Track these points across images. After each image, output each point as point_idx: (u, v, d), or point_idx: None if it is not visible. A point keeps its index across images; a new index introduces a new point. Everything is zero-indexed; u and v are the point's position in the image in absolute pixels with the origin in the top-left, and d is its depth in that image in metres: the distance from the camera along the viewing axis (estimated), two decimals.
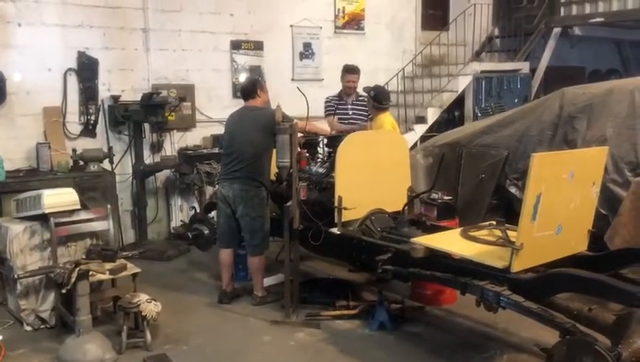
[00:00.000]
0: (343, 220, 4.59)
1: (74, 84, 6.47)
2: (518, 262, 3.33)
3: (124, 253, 4.86)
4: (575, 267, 3.75)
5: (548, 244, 3.48)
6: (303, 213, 4.59)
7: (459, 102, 9.00)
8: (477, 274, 3.50)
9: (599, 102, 5.54)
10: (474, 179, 6.19)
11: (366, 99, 5.95)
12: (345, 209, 4.47)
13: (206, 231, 5.53)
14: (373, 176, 4.69)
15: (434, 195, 5.08)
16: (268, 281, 5.31)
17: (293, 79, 8.08)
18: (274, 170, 4.85)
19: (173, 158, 6.89)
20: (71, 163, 6.19)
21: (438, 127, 8.76)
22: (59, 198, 4.59)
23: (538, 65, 9.57)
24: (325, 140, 5.40)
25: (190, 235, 5.52)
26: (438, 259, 3.73)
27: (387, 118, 5.74)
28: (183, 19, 7.09)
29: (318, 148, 5.28)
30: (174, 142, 7.16)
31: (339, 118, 6.26)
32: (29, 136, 6.21)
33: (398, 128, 5.85)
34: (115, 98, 6.59)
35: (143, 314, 4.16)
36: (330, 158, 4.99)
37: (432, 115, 8.39)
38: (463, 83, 8.63)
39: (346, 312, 4.70)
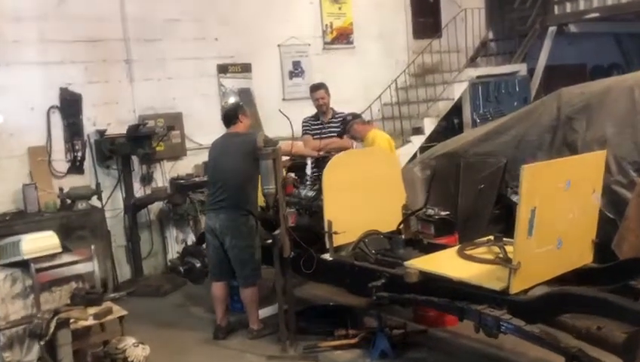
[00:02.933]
0: (335, 245, 4.38)
1: (58, 121, 6.34)
2: (517, 282, 3.09)
3: (111, 295, 4.66)
4: (581, 281, 3.53)
5: (549, 260, 3.25)
6: (293, 239, 4.39)
7: (458, 109, 8.80)
8: (475, 298, 3.27)
9: (597, 101, 5.31)
10: (474, 189, 5.96)
11: (343, 119, 5.75)
12: (335, 233, 4.25)
13: (198, 264, 5.31)
14: (364, 196, 4.48)
15: (430, 211, 4.86)
16: (264, 313, 5.09)
17: (284, 99, 7.92)
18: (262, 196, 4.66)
19: (164, 189, 6.72)
20: (58, 203, 6.03)
21: (438, 136, 8.54)
22: (38, 243, 4.40)
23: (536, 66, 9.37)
24: (313, 162, 5.19)
25: (182, 270, 5.32)
26: (433, 283, 3.50)
27: (378, 134, 5.54)
28: (167, 47, 6.96)
29: (307, 171, 5.08)
30: (165, 173, 7.00)
31: (316, 137, 6.05)
32: (14, 178, 6.05)
33: (391, 142, 5.63)
34: (101, 132, 6.45)
35: (129, 359, 3.95)
36: (320, 181, 4.79)
37: (429, 125, 8.18)
38: (458, 90, 8.43)
39: (345, 342, 4.46)
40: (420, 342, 4.46)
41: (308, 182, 4.90)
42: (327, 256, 4.33)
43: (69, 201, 6.01)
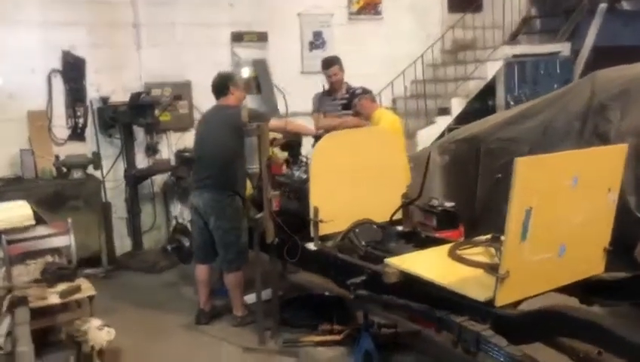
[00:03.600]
0: (323, 233, 3.97)
1: (59, 86, 6.11)
2: (504, 294, 2.64)
3: (89, 271, 4.42)
4: (590, 295, 3.05)
5: (547, 269, 2.77)
6: (277, 224, 4.03)
7: (492, 90, 8.18)
8: (458, 307, 2.83)
9: (637, 86, 4.69)
10: (492, 179, 5.43)
11: (353, 92, 5.30)
12: (320, 221, 3.85)
13: (187, 243, 5.04)
14: (359, 181, 4.05)
15: (434, 201, 4.40)
16: (252, 298, 4.76)
17: (302, 72, 7.51)
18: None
19: (167, 161, 6.43)
20: (54, 170, 5.82)
21: (469, 118, 7.96)
22: (9, 213, 4.19)
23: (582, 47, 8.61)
24: (313, 142, 4.77)
25: (169, 248, 5.04)
26: (414, 286, 3.07)
27: (384, 114, 5.07)
28: (177, 12, 6.62)
29: (301, 150, 4.66)
30: (171, 144, 6.71)
31: (328, 115, 5.63)
32: (13, 143, 5.88)
33: (397, 123, 5.15)
34: (104, 99, 6.20)
35: (89, 344, 3.69)
36: None
37: (457, 105, 7.61)
38: (492, 69, 7.82)
39: (329, 338, 4.10)
40: (411, 344, 4.06)
41: (303, 164, 4.49)
42: (311, 246, 3.94)
43: (64, 169, 5.80)
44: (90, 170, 5.98)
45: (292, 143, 4.53)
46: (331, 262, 3.83)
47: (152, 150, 6.45)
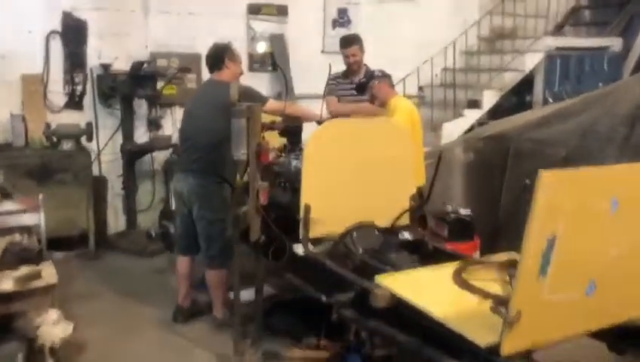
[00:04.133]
0: (318, 235, 3.45)
1: (58, 49, 5.70)
2: (512, 341, 2.09)
3: (57, 254, 4.01)
4: (621, 341, 2.48)
5: (570, 312, 2.21)
6: (264, 221, 3.53)
7: (529, 84, 7.50)
8: (454, 348, 2.30)
9: None
10: (520, 184, 4.83)
11: (371, 75, 4.74)
12: (311, 221, 3.33)
13: (173, 230, 4.58)
14: (362, 177, 3.51)
15: (448, 207, 3.84)
16: (245, 296, 4.28)
17: (323, 51, 6.95)
18: None
19: (168, 138, 5.98)
20: (45, 139, 5.43)
21: (504, 114, 7.31)
22: None
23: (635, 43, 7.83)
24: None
25: (153, 234, 4.59)
26: (406, 313, 2.54)
27: (400, 102, 4.51)
28: None
29: (302, 137, 4.12)
30: (176, 120, 6.25)
31: (344, 100, 5.09)
32: (4, 107, 5.50)
33: (415, 114, 4.58)
34: (106, 67, 5.76)
35: (39, 341, 3.27)
36: None
37: (490, 98, 6.97)
38: (531, 61, 7.13)
39: (313, 356, 3.61)
40: None
41: (300, 152, 3.96)
42: (298, 249, 3.43)
43: (55, 139, 5.40)
44: (84, 142, 5.56)
45: (292, 129, 3.99)
46: (319, 271, 3.31)
47: (154, 125, 6.01)
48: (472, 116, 6.84)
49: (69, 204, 5.32)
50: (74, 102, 5.78)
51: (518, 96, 7.71)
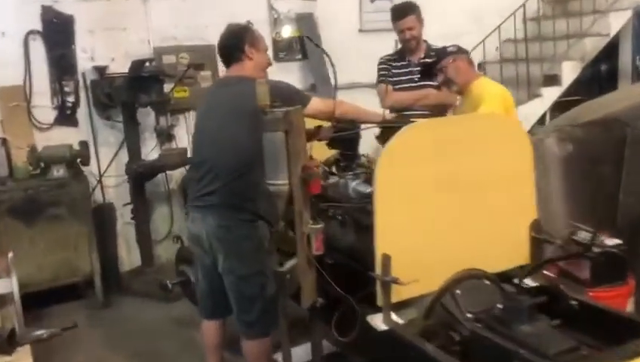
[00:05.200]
0: (402, 297, 2.31)
1: (40, 53, 4.64)
2: None
3: (38, 333, 2.93)
4: None
5: None
6: (322, 277, 2.41)
7: (607, 52, 6.19)
8: None
9: None
10: None
11: (441, 53, 3.54)
12: (397, 282, 2.18)
13: (193, 277, 3.48)
14: (460, 205, 2.37)
15: (582, 235, 2.64)
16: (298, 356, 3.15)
17: (361, 30, 5.78)
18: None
19: (184, 151, 4.87)
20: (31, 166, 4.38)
21: (578, 90, 6.05)
22: None
23: None
24: (378, 134, 3.05)
25: (169, 285, 3.49)
26: None
27: (487, 86, 3.33)
28: None
29: (358, 149, 2.95)
30: (191, 127, 5.15)
31: (399, 87, 3.95)
32: None
33: (510, 101, 3.39)
34: (101, 70, 4.68)
35: None
36: None
37: (570, 71, 5.71)
38: (616, 22, 5.82)
39: None
40: None
41: (360, 169, 2.80)
42: (377, 320, 2.29)
43: (42, 165, 4.34)
44: (80, 165, 4.50)
45: (345, 137, 2.83)
46: (411, 356, 2.17)
47: (164, 136, 4.91)
48: (550, 95, 5.59)
49: (67, 244, 4.30)
50: (65, 116, 4.72)
51: (592, 67, 6.42)
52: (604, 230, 3.73)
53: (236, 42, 2.79)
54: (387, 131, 2.87)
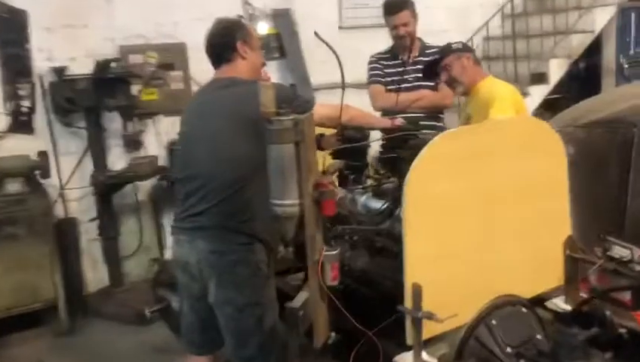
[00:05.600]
0: (437, 332, 1.99)
1: None
2: None
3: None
4: None
5: None
6: (335, 310, 2.08)
7: (589, 49, 6.04)
8: None
9: None
10: None
11: (440, 54, 3.26)
12: (430, 317, 1.86)
13: (175, 303, 3.10)
14: (495, 223, 2.07)
15: (617, 250, 2.38)
16: None
17: (341, 27, 5.47)
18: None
19: (154, 159, 4.46)
20: None
21: (557, 88, 5.86)
22: None
23: None
24: (383, 140, 2.73)
25: (147, 314, 3.10)
26: None
27: (498, 88, 3.06)
28: None
29: (368, 158, 2.62)
30: (161, 134, 4.75)
31: (392, 88, 3.67)
32: None
33: (523, 103, 3.13)
34: (59, 71, 4.22)
35: None
36: (394, 182, 2.37)
37: (557, 69, 5.53)
38: (601, 19, 5.67)
39: None
40: None
41: (370, 182, 2.48)
42: (406, 360, 1.96)
43: None
44: (39, 178, 4.04)
45: (353, 148, 2.50)
46: None
47: (132, 144, 4.50)
48: (538, 93, 5.38)
49: (26, 266, 3.85)
50: (20, 123, 4.24)
51: (573, 65, 6.26)
52: (608, 228, 3.52)
53: (227, 39, 2.43)
54: (393, 139, 2.57)
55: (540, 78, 5.38)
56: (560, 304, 2.34)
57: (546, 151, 2.23)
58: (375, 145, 2.65)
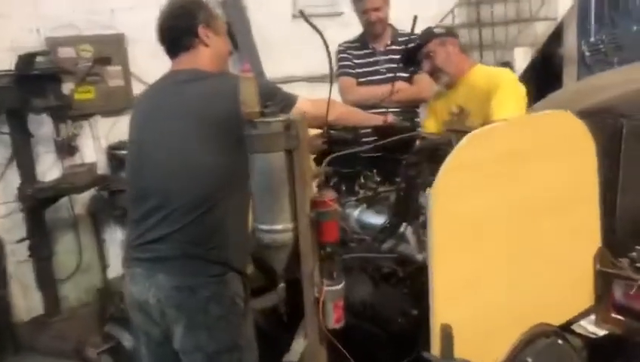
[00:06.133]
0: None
1: None
2: None
3: None
4: None
5: None
6: (335, 355, 1.67)
7: (551, 37, 5.84)
8: None
9: None
10: None
11: (421, 39, 2.89)
12: None
13: (127, 342, 2.61)
14: (526, 240, 1.72)
15: None
16: None
17: (295, 15, 5.03)
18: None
19: (92, 167, 3.90)
20: None
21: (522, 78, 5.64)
22: None
23: None
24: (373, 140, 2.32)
25: (92, 354, 2.59)
26: None
27: (499, 73, 2.75)
28: None
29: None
30: (99, 137, 4.19)
31: (364, 81, 3.31)
32: None
33: (524, 92, 2.79)
34: None
35: None
36: (398, 191, 1.96)
37: (522, 57, 5.29)
38: (564, 5, 5.47)
39: None
40: None
41: (362, 192, 2.07)
42: None
43: None
44: None
45: (342, 148, 2.08)
46: None
47: (66, 150, 3.93)
48: None
49: None
50: None
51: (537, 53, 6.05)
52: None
53: (186, 22, 1.96)
54: (383, 135, 2.18)
55: (505, 67, 5.12)
56: (589, 327, 2.02)
57: (578, 151, 1.89)
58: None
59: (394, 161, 2.01)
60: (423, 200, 1.79)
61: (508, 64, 5.18)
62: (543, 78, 5.61)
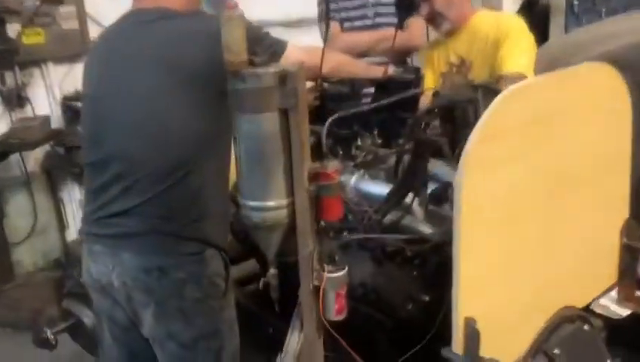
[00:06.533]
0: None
1: None
2: None
3: None
4: None
5: None
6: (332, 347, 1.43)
7: None
8: None
9: None
10: None
11: None
12: None
13: (87, 319, 2.32)
14: (558, 215, 1.47)
15: None
16: None
17: None
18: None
19: (45, 120, 3.52)
20: None
21: None
22: None
23: None
24: (373, 96, 2.03)
25: (49, 335, 2.30)
26: None
27: (507, 19, 2.49)
28: None
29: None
30: (52, 86, 3.79)
31: (349, 27, 3.02)
32: None
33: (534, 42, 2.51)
34: None
35: None
36: (402, 155, 1.69)
37: (511, 5, 5.02)
38: None
39: None
40: None
41: (364, 155, 1.79)
42: None
43: None
44: None
45: (334, 107, 1.79)
46: None
47: (15, 101, 3.53)
48: None
49: None
50: None
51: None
52: None
53: None
54: (381, 89, 1.90)
55: None
56: (611, 306, 1.82)
57: (614, 110, 1.64)
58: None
59: (397, 119, 1.74)
60: (437, 170, 1.53)
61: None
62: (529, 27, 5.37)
